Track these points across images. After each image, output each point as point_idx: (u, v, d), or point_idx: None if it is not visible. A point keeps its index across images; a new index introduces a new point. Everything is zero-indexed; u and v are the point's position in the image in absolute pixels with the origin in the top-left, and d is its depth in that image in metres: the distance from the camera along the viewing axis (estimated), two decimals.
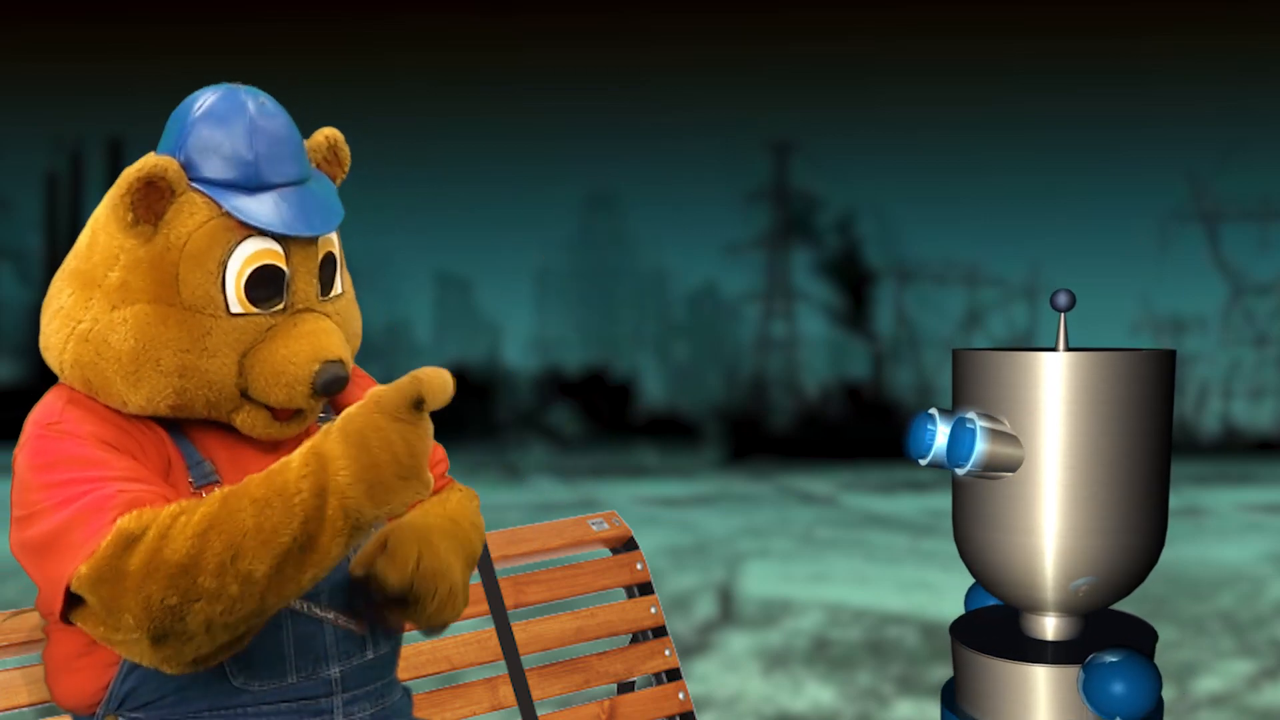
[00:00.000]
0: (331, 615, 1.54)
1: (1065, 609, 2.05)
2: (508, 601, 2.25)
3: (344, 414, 1.34)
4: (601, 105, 11.52)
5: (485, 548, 1.85)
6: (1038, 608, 2.06)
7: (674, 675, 2.39)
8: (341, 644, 1.55)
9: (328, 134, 1.62)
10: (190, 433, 1.54)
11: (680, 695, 2.37)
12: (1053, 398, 1.94)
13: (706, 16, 11.11)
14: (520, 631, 2.25)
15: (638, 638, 2.40)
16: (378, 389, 1.34)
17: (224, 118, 1.46)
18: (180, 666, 1.37)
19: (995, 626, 2.17)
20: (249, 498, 1.31)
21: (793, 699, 4.23)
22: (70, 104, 10.43)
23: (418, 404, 1.31)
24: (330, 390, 1.50)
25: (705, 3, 11.29)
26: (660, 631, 2.40)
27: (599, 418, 11.11)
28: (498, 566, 2.24)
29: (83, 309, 1.47)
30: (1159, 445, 2.00)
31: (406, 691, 1.73)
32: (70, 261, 1.52)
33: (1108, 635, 2.09)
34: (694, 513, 7.88)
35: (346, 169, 1.64)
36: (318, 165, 1.60)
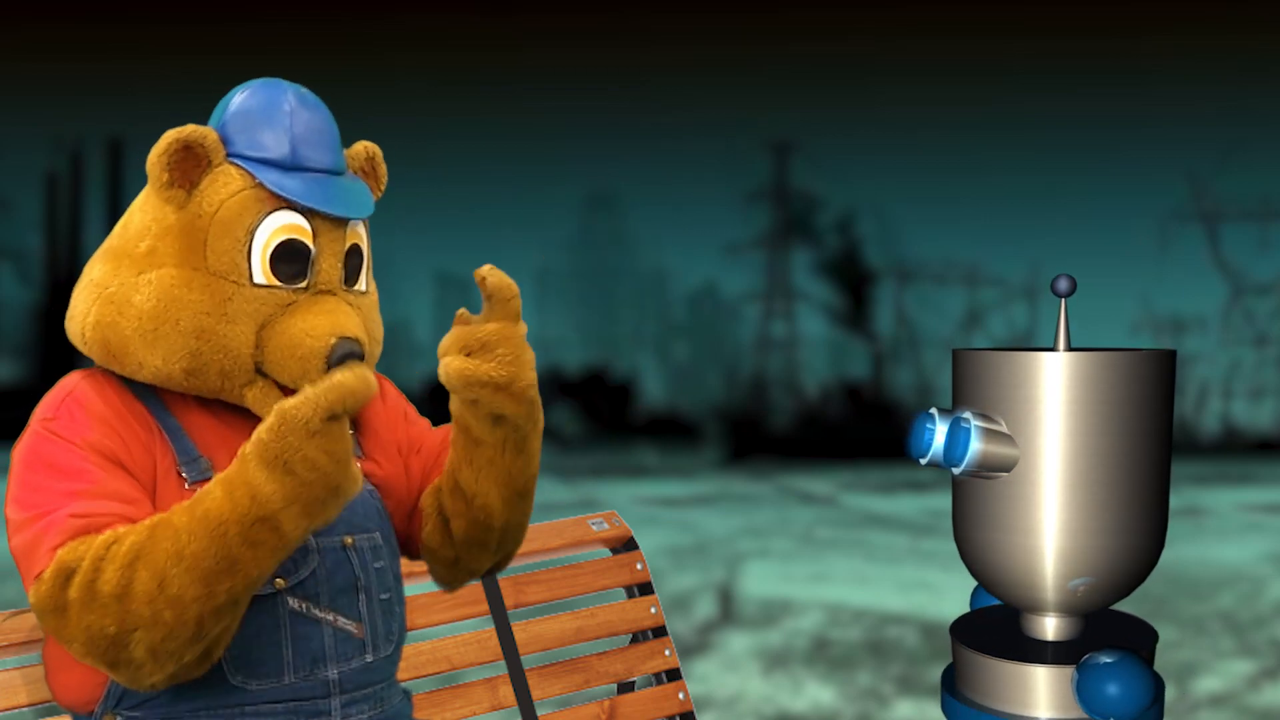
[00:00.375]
0: (330, 617, 1.54)
1: (1065, 609, 2.05)
2: (508, 601, 2.26)
3: (255, 438, 1.31)
4: (601, 105, 11.54)
5: None
6: (1038, 608, 2.06)
7: (674, 675, 2.39)
8: (340, 646, 1.55)
9: (368, 146, 1.65)
10: (192, 429, 1.54)
11: (680, 695, 2.37)
12: (1052, 398, 1.94)
13: (706, 16, 11.12)
14: (520, 631, 2.25)
15: (638, 638, 2.40)
16: (284, 401, 1.30)
17: (266, 102, 1.51)
18: (146, 689, 1.39)
19: (995, 626, 2.17)
20: (173, 527, 1.32)
21: (793, 699, 4.23)
22: (70, 104, 10.45)
23: (333, 416, 1.29)
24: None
25: (705, 3, 11.30)
26: (660, 631, 2.40)
27: (599, 418, 11.12)
28: None
29: (112, 276, 1.51)
30: (1159, 445, 2.00)
31: (406, 694, 1.73)
32: (105, 242, 1.57)
33: (1108, 635, 2.09)
34: (694, 513, 7.89)
35: (383, 185, 1.68)
36: (353, 173, 1.63)
